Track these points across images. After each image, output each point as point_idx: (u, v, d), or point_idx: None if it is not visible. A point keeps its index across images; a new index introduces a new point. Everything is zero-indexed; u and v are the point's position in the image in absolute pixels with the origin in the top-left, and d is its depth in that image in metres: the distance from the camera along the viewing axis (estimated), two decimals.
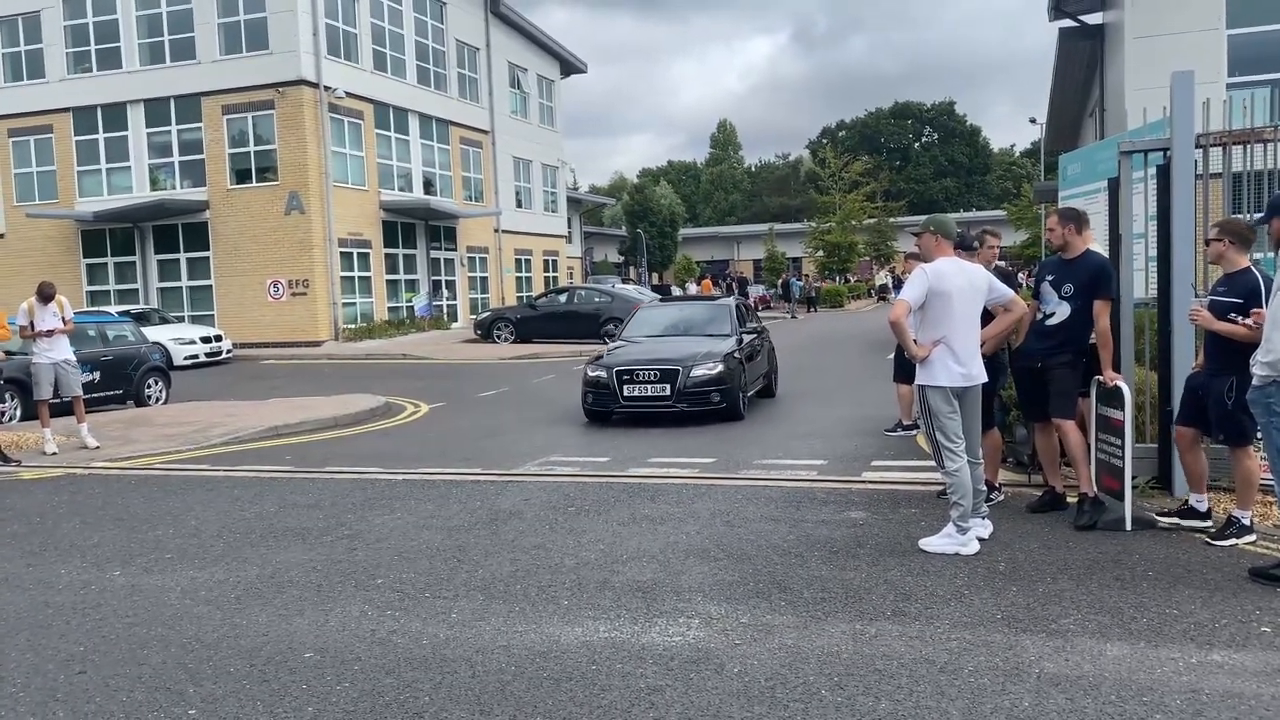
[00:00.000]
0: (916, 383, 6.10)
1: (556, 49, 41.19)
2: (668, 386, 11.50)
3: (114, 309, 23.36)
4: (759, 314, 19.44)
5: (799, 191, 76.82)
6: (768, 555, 5.89)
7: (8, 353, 12.48)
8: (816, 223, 53.33)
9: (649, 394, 11.58)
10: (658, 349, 12.28)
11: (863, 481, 8.07)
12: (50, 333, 11.10)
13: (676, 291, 43.58)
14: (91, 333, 15.79)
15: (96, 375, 15.00)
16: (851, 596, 5.08)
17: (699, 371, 11.54)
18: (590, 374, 11.96)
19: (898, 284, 41.79)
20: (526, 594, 5.33)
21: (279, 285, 27.38)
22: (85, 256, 29.50)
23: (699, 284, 49.56)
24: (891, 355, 10.83)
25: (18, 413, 13.44)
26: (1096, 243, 6.92)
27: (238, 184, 27.85)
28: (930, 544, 5.90)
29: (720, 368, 11.63)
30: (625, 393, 11.62)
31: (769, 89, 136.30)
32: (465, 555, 6.15)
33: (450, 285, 33.72)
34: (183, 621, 5.05)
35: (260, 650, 4.61)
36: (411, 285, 31.73)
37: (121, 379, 15.54)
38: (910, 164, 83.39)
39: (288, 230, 27.25)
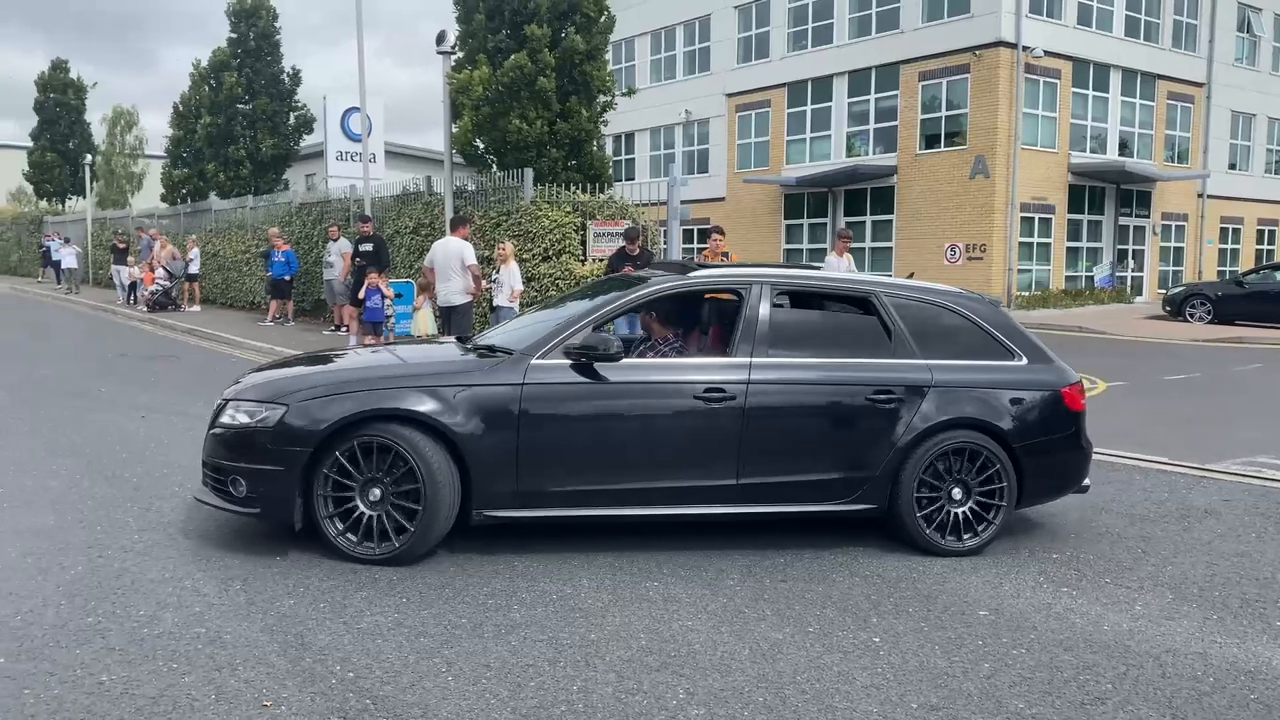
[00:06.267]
0: None
1: None
2: None
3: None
4: None
5: None
6: None
7: None
8: None
9: None
10: None
11: None
12: None
13: None
14: None
15: None
16: None
17: None
18: None
19: None
20: (1226, 603, 4.77)
21: (956, 249, 27.70)
22: (786, 218, 32.93)
23: None
24: None
25: None
26: None
27: (925, 149, 28.64)
28: None
29: None
30: None
31: None
32: (1150, 547, 5.70)
33: (1137, 255, 30.92)
34: (865, 556, 5.48)
35: (936, 597, 4.82)
36: (1093, 254, 29.78)
37: None
38: None
39: (970, 194, 27.36)
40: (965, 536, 5.54)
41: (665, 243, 13.54)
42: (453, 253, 11.94)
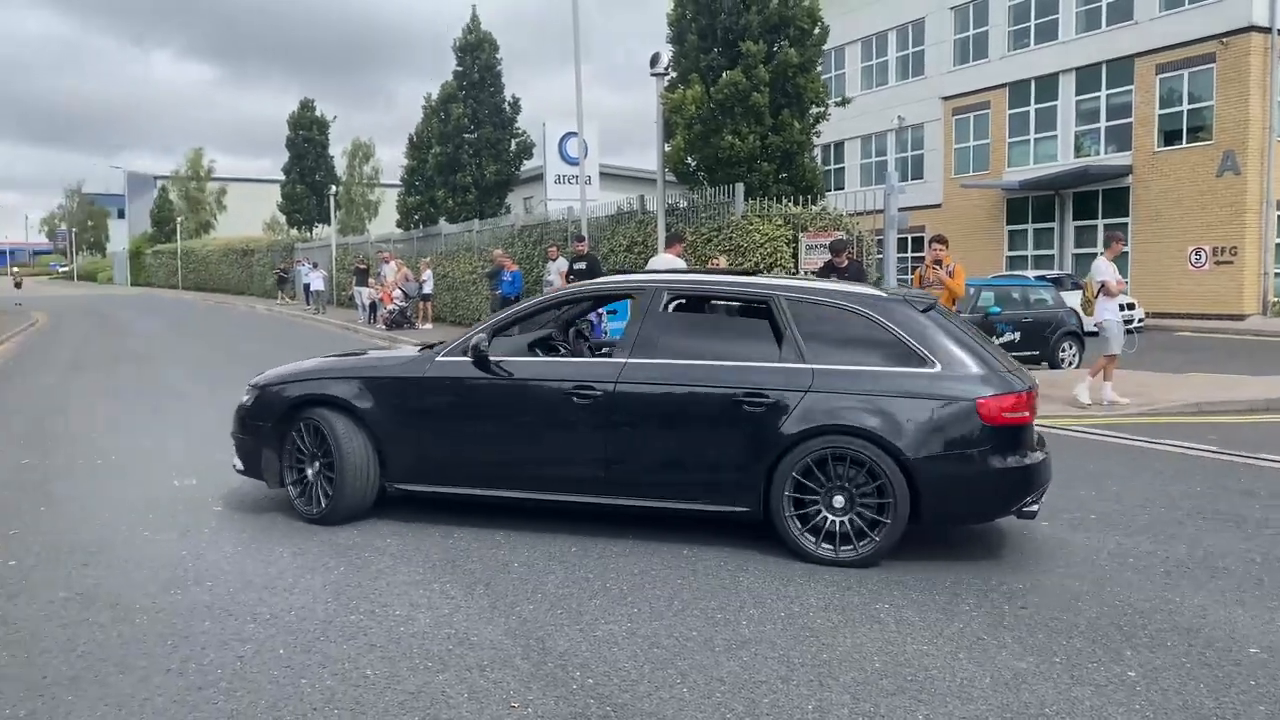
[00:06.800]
0: None
1: None
2: None
3: (1030, 273, 24.53)
4: None
5: None
6: None
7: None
8: None
9: None
10: None
11: None
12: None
13: None
14: (1015, 295, 16.88)
15: (1016, 336, 16.00)
16: None
17: None
18: None
19: None
20: None
21: (1201, 253, 25.58)
22: (1008, 223, 31.44)
23: None
24: None
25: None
26: None
27: (1164, 146, 26.65)
28: None
29: None
30: None
31: None
32: None
33: None
34: (1113, 584, 5.13)
35: (1198, 631, 4.45)
36: None
37: (1038, 341, 16.27)
38: None
39: (1217, 193, 25.21)
40: (844, 548, 5.38)
41: (881, 253, 13.24)
42: (665, 269, 12.15)
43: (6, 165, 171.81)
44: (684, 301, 6.36)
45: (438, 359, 6.21)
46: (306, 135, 45.32)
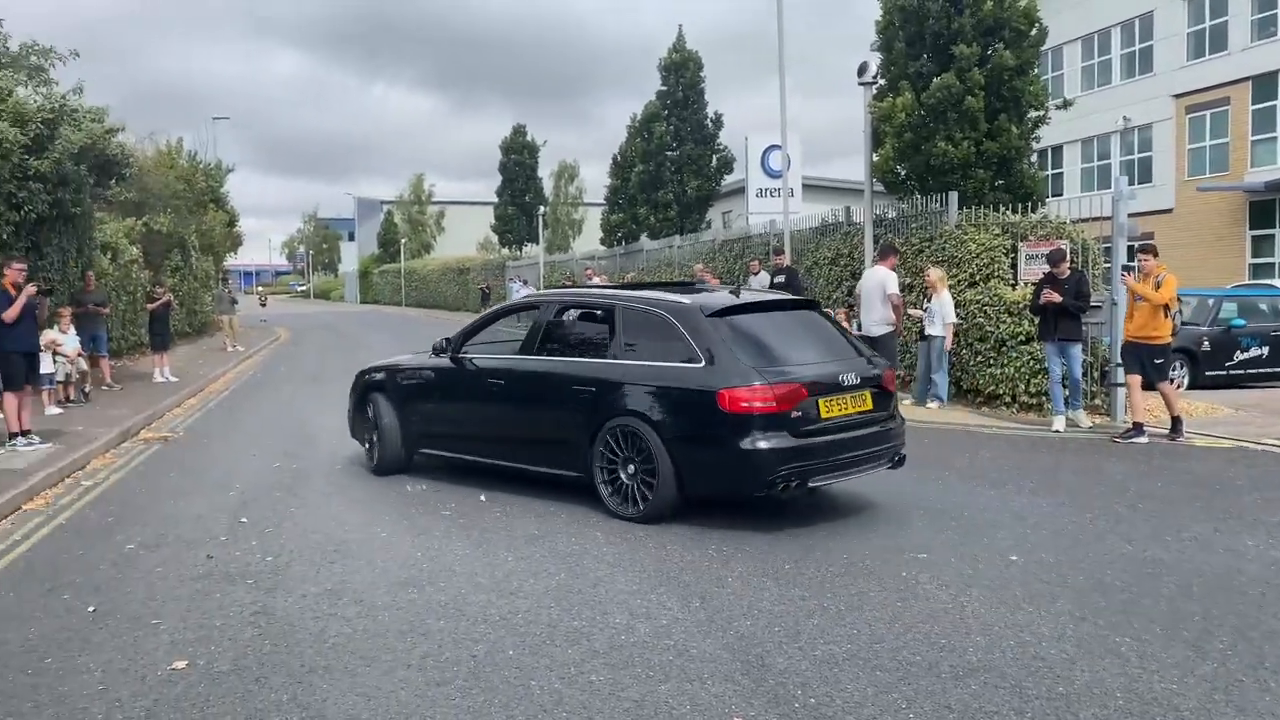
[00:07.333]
0: None
1: None
2: None
3: (1278, 282, 22.40)
4: None
5: None
6: None
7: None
8: None
9: None
10: None
11: None
12: None
13: None
14: (1262, 307, 15.46)
15: (1264, 351, 14.63)
16: None
17: None
18: None
19: None
20: None
21: None
22: (1250, 228, 28.84)
23: None
24: None
25: (1185, 380, 13.97)
26: None
27: None
28: None
29: None
30: None
31: None
32: None
33: None
34: None
35: None
36: None
37: None
38: None
39: None
40: (632, 508, 6.67)
41: (1109, 262, 12.43)
42: (876, 282, 11.89)
43: (256, 194, 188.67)
44: (573, 311, 7.91)
45: (427, 357, 8.48)
46: (518, 159, 47.34)
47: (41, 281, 11.17)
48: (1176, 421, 9.93)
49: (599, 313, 7.54)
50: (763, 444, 6.20)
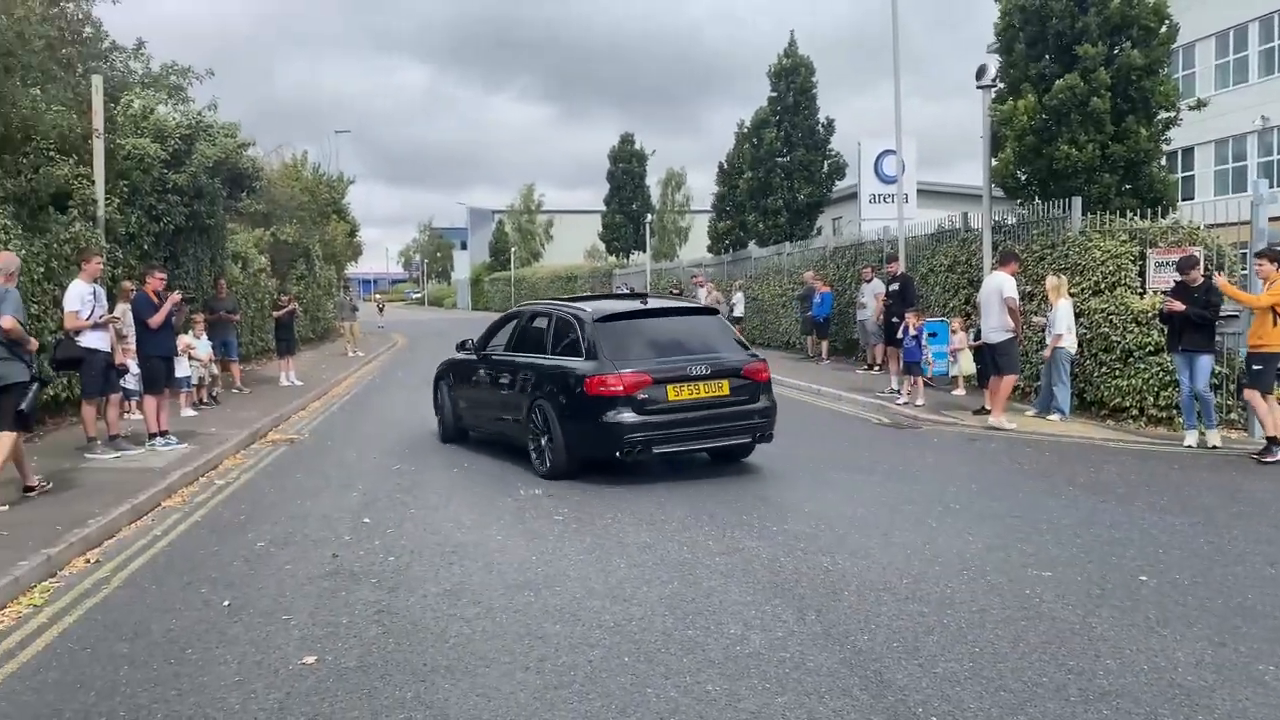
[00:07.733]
0: None
1: None
2: None
3: None
4: None
5: None
6: None
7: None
8: None
9: None
10: None
11: None
12: None
13: None
14: None
15: None
16: None
17: None
18: None
19: None
20: None
21: None
22: None
23: None
24: None
25: None
26: None
27: None
28: None
29: None
30: None
31: None
32: None
33: None
34: None
35: None
36: None
37: None
38: None
39: None
40: (542, 466, 8.75)
41: (1246, 269, 11.80)
42: (993, 288, 11.57)
43: (375, 205, 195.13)
44: (538, 319, 9.80)
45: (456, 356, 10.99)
46: (626, 168, 47.65)
47: (182, 290, 11.79)
48: (1271, 443, 9.26)
49: (545, 320, 9.61)
50: (616, 418, 8.13)
